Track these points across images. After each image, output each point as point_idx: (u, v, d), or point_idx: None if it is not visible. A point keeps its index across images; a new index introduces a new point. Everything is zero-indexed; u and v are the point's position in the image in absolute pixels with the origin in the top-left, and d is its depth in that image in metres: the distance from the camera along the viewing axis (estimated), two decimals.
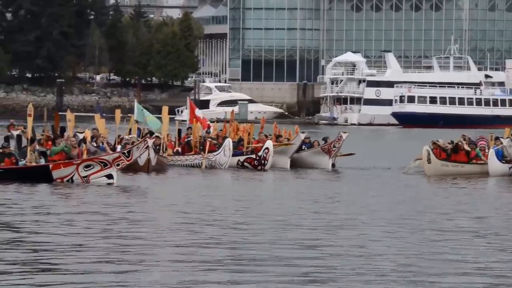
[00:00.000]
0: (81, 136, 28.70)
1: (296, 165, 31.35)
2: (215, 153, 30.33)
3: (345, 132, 31.63)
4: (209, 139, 30.94)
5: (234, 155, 30.78)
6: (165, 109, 33.53)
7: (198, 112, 34.55)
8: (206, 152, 30.42)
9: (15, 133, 27.45)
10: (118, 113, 33.54)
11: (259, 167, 30.06)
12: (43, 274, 11.53)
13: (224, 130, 33.47)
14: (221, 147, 30.27)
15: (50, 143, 27.73)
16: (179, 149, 31.55)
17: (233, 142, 31.45)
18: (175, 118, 52.44)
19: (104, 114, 33.69)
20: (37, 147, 25.79)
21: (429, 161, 28.56)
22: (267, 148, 30.06)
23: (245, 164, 30.43)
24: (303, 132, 31.81)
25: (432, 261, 12.91)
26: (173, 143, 32.03)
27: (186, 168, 30.37)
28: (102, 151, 28.21)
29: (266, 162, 30.02)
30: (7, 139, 28.76)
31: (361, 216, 18.20)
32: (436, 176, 28.30)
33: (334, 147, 31.24)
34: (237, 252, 13.42)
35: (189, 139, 31.89)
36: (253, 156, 30.38)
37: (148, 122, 32.72)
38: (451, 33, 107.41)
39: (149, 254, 13.16)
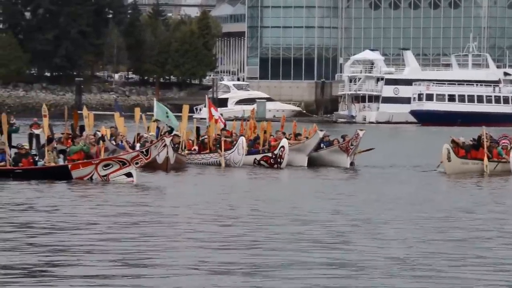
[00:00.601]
0: (99, 134, 28.85)
1: (315, 163, 31.35)
2: (229, 152, 30.41)
3: (361, 130, 31.60)
4: (224, 138, 31.02)
5: (250, 153, 30.84)
6: (185, 108, 33.63)
7: (215, 113, 34.64)
8: (223, 150, 30.50)
9: (36, 131, 27.56)
10: (137, 111, 33.67)
11: (275, 165, 30.09)
12: (58, 274, 11.57)
13: (241, 128, 33.51)
14: (235, 146, 30.35)
15: (70, 141, 27.81)
16: (196, 148, 31.64)
17: (249, 140, 31.52)
18: (193, 117, 52.52)
19: (123, 113, 33.78)
20: (57, 145, 25.84)
21: (449, 159, 28.43)
22: (282, 147, 30.10)
23: (262, 162, 30.47)
24: (321, 130, 31.80)
25: (453, 261, 12.87)
26: (191, 141, 32.11)
27: (203, 166, 30.43)
28: (122, 149, 28.32)
29: (282, 160, 30.05)
30: (31, 137, 28.90)
31: (379, 214, 18.17)
32: (457, 174, 28.13)
33: (351, 145, 31.21)
34: (256, 252, 13.42)
35: (204, 137, 32.00)
36: (269, 154, 30.42)
37: (172, 120, 32.82)
38: (470, 30, 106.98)
39: (168, 253, 13.18)
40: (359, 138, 31.15)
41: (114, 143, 29.63)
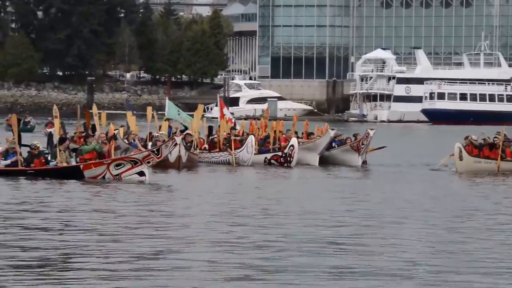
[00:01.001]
0: (116, 132, 28.96)
1: (327, 162, 31.41)
2: (238, 150, 30.55)
3: (372, 129, 31.66)
4: (234, 137, 31.17)
5: (261, 152, 30.97)
6: (200, 107, 33.76)
7: (226, 112, 34.76)
8: (233, 149, 30.64)
9: (49, 130, 27.67)
10: (149, 110, 33.79)
11: (285, 164, 30.22)
12: (72, 273, 11.65)
13: (250, 127, 33.64)
14: (244, 144, 30.49)
15: (82, 140, 27.93)
16: (206, 146, 31.79)
17: (260, 139, 31.64)
18: (205, 116, 52.59)
19: (135, 112, 33.93)
20: (70, 144, 25.93)
21: (461, 158, 28.34)
22: (292, 146, 30.22)
23: (272, 161, 30.59)
24: (332, 129, 31.84)
25: (464, 262, 12.87)
26: (202, 140, 32.25)
27: (213, 165, 30.56)
28: (134, 148, 28.46)
29: (291, 159, 30.17)
30: (50, 137, 28.90)
31: (391, 214, 18.20)
32: (468, 173, 28.04)
33: (362, 144, 31.27)
34: (267, 252, 13.47)
35: (214, 136, 32.16)
36: (279, 153, 30.53)
37: (185, 118, 32.93)
38: (482, 29, 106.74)
39: (179, 253, 13.24)
40: (370, 137, 31.20)
41: (127, 142, 29.77)
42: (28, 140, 26.69)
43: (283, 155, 30.41)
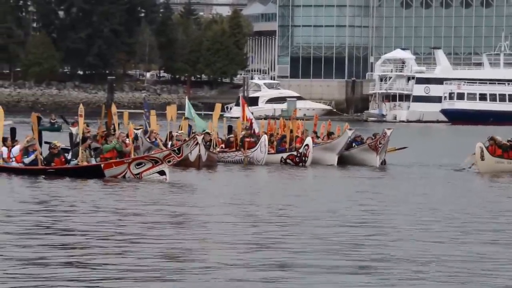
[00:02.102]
0: (139, 132, 29.24)
1: (346, 162, 31.56)
2: (252, 150, 30.83)
3: (389, 129, 31.77)
4: (247, 136, 31.45)
5: (278, 151, 31.26)
6: (217, 106, 33.97)
7: (247, 112, 35.01)
8: (246, 149, 30.92)
9: (73, 129, 27.80)
10: (169, 110, 34.03)
11: (300, 164, 30.44)
12: (91, 271, 11.79)
13: (268, 127, 33.86)
14: (258, 144, 30.77)
15: (102, 139, 28.10)
16: (223, 146, 32.09)
17: (278, 139, 31.89)
18: (224, 115, 52.82)
19: (148, 112, 34.02)
20: (92, 143, 26.10)
21: (482, 158, 28.09)
22: (307, 145, 30.46)
23: (288, 161, 30.84)
24: (350, 129, 31.98)
25: (486, 263, 12.86)
26: (220, 140, 32.51)
27: (229, 164, 30.81)
28: (156, 147, 28.73)
29: (306, 158, 30.42)
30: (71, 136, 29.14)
31: (409, 215, 18.28)
32: (490, 173, 27.77)
33: (380, 143, 31.38)
34: (282, 252, 13.59)
35: (230, 136, 32.45)
36: (295, 153, 30.78)
37: (196, 122, 33.17)
38: (502, 29, 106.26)
39: (198, 252, 13.32)
40: (387, 137, 31.30)
41: (149, 141, 30.05)
42: (54, 139, 26.71)
43: (298, 154, 30.64)
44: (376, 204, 19.99)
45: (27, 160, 24.16)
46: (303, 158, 30.47)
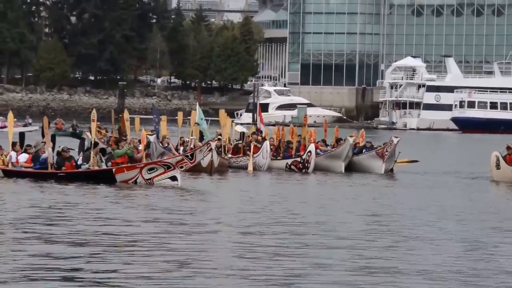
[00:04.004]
0: (151, 138, 29.35)
1: (353, 169, 31.67)
2: (255, 155, 31.04)
3: (396, 137, 31.89)
4: (254, 142, 31.67)
5: (284, 157, 31.48)
6: (222, 113, 34.11)
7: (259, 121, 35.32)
8: (252, 154, 31.12)
9: (89, 134, 27.89)
10: (180, 116, 34.17)
11: (303, 170, 30.61)
12: (103, 275, 11.86)
13: (277, 133, 34.04)
14: (260, 150, 30.97)
15: (114, 144, 28.17)
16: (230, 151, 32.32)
17: (284, 145, 32.16)
18: (234, 121, 52.90)
19: (160, 117, 34.09)
20: (107, 148, 26.14)
21: (497, 166, 27.83)
22: (310, 151, 30.65)
23: (292, 167, 31.04)
24: (351, 136, 32.08)
25: (498, 276, 12.92)
26: (230, 145, 32.68)
27: (236, 170, 30.96)
28: (169, 152, 28.83)
29: (309, 165, 30.61)
30: (82, 141, 29.20)
31: (420, 226, 18.32)
32: (506, 182, 27.47)
33: (386, 151, 31.51)
34: (293, 261, 13.66)
35: (238, 142, 32.64)
36: (298, 159, 30.97)
37: (201, 128, 33.35)
38: None
39: (207, 259, 13.34)
40: (393, 144, 31.38)
41: (162, 146, 30.18)
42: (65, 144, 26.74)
43: (302, 160, 30.85)
44: (380, 213, 20.01)
45: (45, 155, 24.06)
46: (306, 164, 30.70)
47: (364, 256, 13.49)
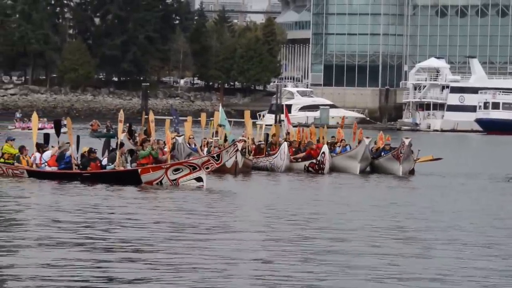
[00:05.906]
0: (180, 140, 29.42)
1: (374, 171, 31.78)
2: (273, 157, 31.07)
3: (407, 138, 32.01)
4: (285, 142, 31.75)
5: (303, 159, 31.55)
6: (247, 113, 34.18)
7: (285, 120, 35.40)
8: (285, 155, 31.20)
9: (122, 136, 27.88)
10: (203, 117, 34.26)
11: (319, 171, 30.61)
12: (123, 275, 11.90)
13: (298, 135, 34.07)
14: (278, 151, 30.99)
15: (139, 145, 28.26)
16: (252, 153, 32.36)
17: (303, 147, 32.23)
18: (257, 123, 52.97)
19: (180, 118, 34.17)
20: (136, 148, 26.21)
21: None
22: (323, 153, 30.66)
23: (309, 168, 31.08)
24: (367, 138, 32.11)
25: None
26: (253, 146, 32.76)
27: (257, 170, 30.99)
28: (196, 153, 28.90)
29: (323, 166, 30.60)
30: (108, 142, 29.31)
31: (441, 231, 18.26)
32: None
33: (401, 153, 31.52)
34: (310, 265, 13.65)
35: (260, 143, 32.68)
36: (314, 160, 30.99)
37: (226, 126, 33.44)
38: None
39: (227, 260, 13.36)
40: (406, 146, 31.36)
41: (189, 146, 30.25)
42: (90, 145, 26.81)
43: (317, 162, 30.87)
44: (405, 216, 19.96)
45: (64, 162, 24.15)
46: (321, 166, 30.71)
47: (394, 263, 13.45)
